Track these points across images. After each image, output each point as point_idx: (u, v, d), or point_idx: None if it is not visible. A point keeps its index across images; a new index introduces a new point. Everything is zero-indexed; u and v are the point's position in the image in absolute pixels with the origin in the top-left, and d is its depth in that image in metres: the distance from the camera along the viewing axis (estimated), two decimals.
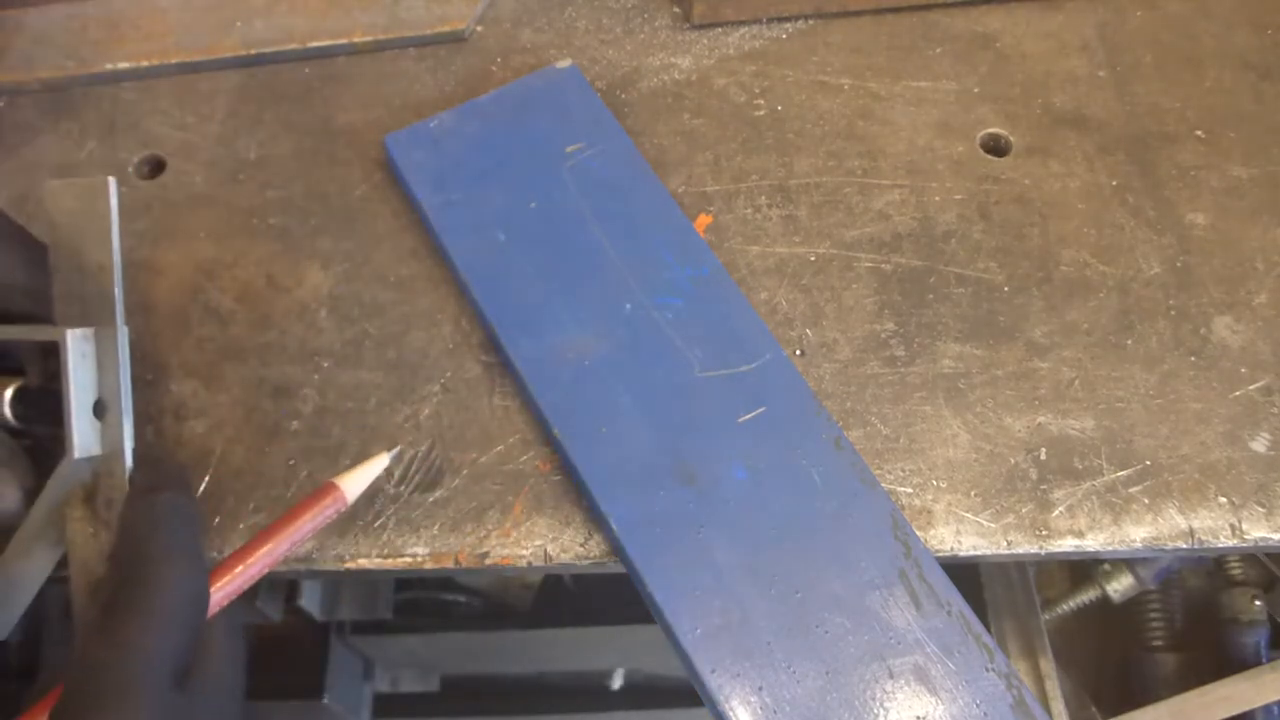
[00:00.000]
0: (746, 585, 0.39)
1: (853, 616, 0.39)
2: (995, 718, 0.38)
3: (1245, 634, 0.66)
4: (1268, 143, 0.52)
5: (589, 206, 0.48)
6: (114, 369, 0.39)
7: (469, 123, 0.50)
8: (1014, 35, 0.56)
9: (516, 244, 0.47)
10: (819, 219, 0.50)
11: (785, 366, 0.44)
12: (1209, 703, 0.60)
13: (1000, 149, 0.52)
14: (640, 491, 0.41)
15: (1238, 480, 0.43)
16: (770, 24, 0.57)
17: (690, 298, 0.46)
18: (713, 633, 0.39)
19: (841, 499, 0.41)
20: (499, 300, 0.45)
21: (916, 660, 0.38)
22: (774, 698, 0.38)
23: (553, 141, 0.50)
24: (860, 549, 0.40)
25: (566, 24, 0.57)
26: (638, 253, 0.47)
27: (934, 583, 0.40)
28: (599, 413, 0.43)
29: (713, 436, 0.42)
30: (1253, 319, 0.47)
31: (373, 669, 0.96)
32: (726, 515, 0.41)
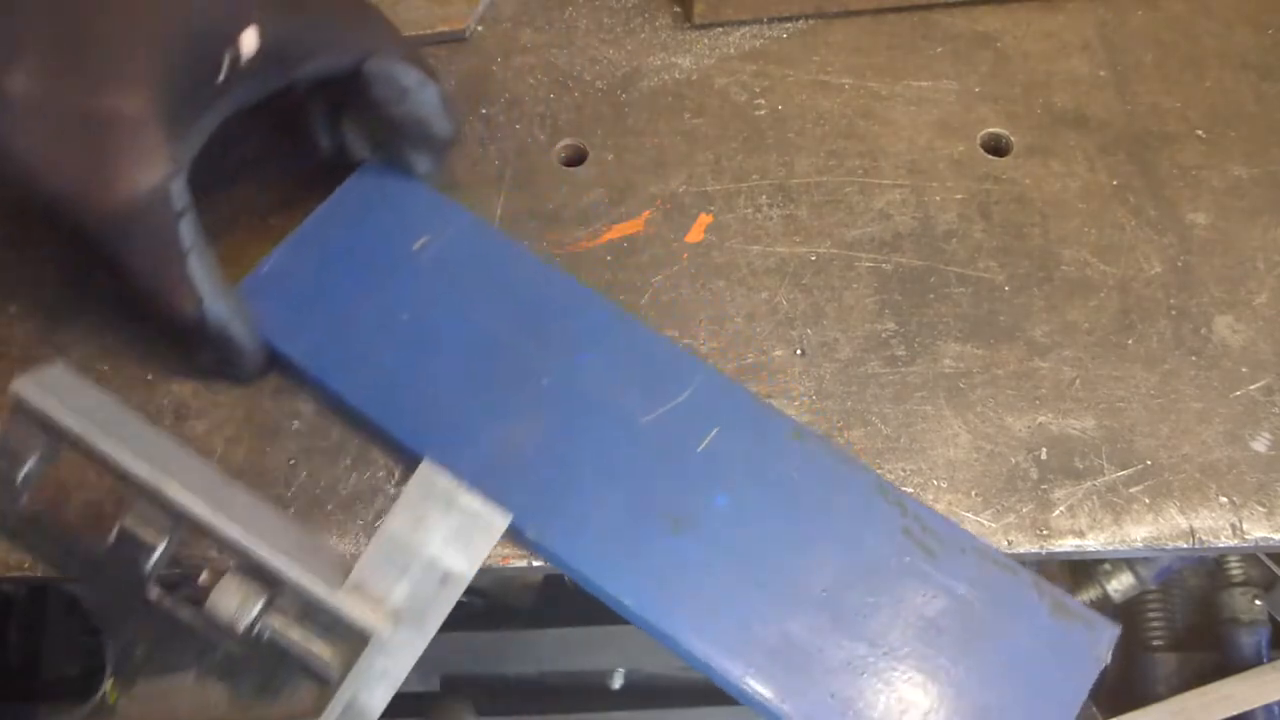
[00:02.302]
0: (771, 605, 0.39)
1: (877, 589, 0.39)
2: (1039, 627, 0.39)
3: (1245, 634, 0.66)
4: (1268, 142, 0.52)
5: (459, 297, 0.45)
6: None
7: (302, 254, 0.46)
8: (1014, 35, 0.56)
9: (404, 363, 0.43)
10: (819, 218, 0.50)
11: (718, 380, 0.44)
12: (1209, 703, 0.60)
13: (1001, 149, 0.52)
14: (635, 559, 0.40)
15: (1238, 480, 0.43)
16: (770, 24, 0.57)
17: (600, 348, 0.44)
18: (763, 666, 0.38)
19: (823, 485, 0.41)
20: (410, 426, 0.42)
21: (951, 605, 0.39)
22: (845, 697, 0.38)
23: (395, 244, 0.46)
24: (859, 525, 0.41)
25: (566, 24, 0.57)
26: (529, 324, 0.44)
27: (938, 530, 0.41)
28: (563, 498, 0.41)
29: (681, 476, 0.41)
30: (1254, 319, 0.47)
31: None
32: (725, 546, 0.40)
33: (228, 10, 0.38)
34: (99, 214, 0.36)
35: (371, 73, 0.42)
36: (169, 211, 0.38)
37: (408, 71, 0.43)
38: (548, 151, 0.52)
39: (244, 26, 0.38)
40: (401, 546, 0.34)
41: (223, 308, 0.40)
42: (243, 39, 0.38)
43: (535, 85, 0.54)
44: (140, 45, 0.36)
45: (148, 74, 0.36)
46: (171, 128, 0.37)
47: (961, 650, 0.39)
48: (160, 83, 0.36)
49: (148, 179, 0.36)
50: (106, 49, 0.36)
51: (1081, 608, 0.40)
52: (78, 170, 0.36)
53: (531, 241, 0.49)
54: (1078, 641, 0.39)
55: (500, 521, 0.36)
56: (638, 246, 0.49)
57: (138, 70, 0.36)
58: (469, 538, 0.35)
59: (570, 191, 0.51)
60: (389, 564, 0.34)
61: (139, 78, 0.36)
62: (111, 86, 0.36)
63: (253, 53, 0.39)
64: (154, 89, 0.36)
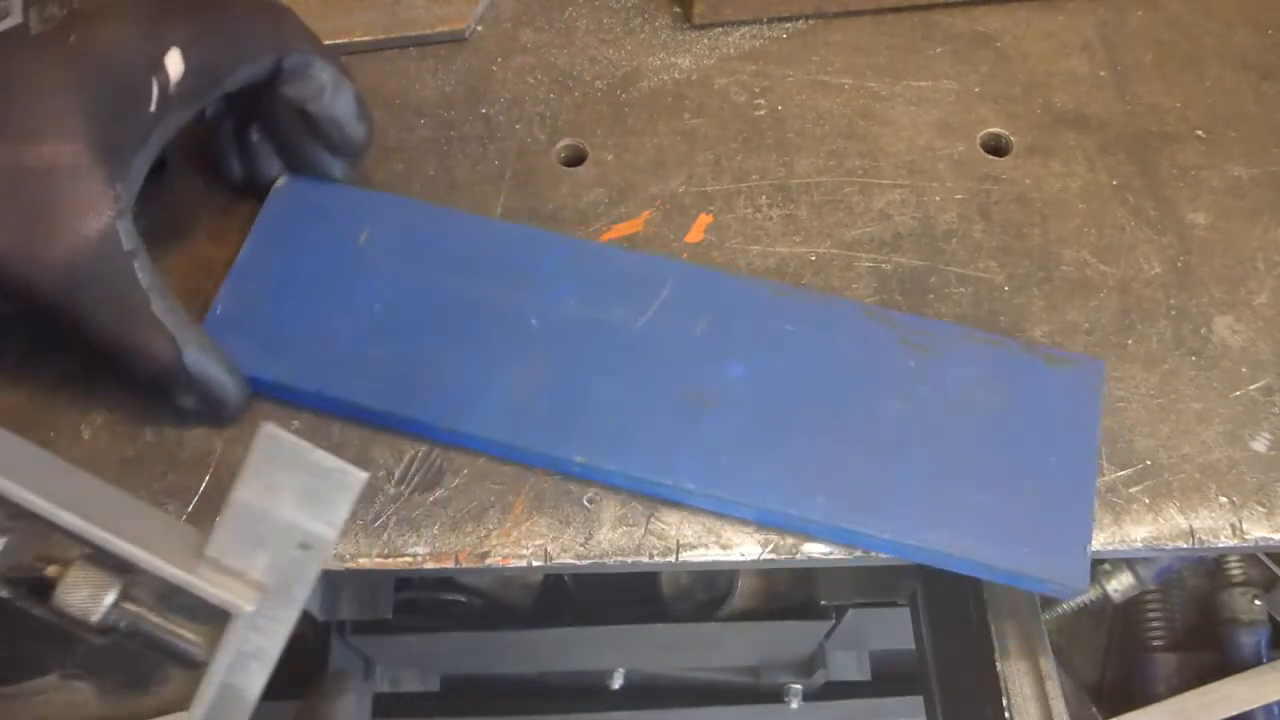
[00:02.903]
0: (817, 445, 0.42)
1: (900, 398, 0.42)
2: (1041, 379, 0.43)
3: (1245, 634, 0.66)
4: (1268, 142, 0.52)
5: (422, 273, 0.45)
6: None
7: (250, 282, 0.45)
8: (1014, 35, 0.56)
9: (394, 349, 0.44)
10: (819, 218, 0.50)
11: (690, 270, 0.46)
12: (1209, 703, 0.60)
13: (1001, 149, 0.52)
14: (679, 444, 0.42)
15: (1238, 480, 0.43)
16: (770, 24, 0.57)
17: (572, 277, 0.45)
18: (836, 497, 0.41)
19: (818, 327, 0.44)
20: (424, 404, 0.42)
21: (966, 385, 0.43)
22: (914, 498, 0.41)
23: (339, 244, 0.46)
24: (862, 350, 0.43)
25: (566, 24, 0.57)
26: (497, 277, 0.45)
27: (928, 330, 0.44)
28: (593, 419, 0.42)
29: (691, 361, 0.43)
30: (1253, 319, 0.47)
31: (373, 669, 0.96)
32: (754, 407, 0.42)
33: (146, 39, 0.38)
34: (50, 267, 0.36)
35: (288, 69, 0.42)
36: (120, 253, 0.37)
37: (324, 68, 0.43)
38: (548, 151, 0.52)
39: (165, 51, 0.38)
40: (253, 515, 0.32)
41: (197, 346, 0.40)
42: (167, 63, 0.38)
43: (535, 85, 0.54)
44: (64, 92, 0.36)
45: (76, 119, 0.36)
46: (110, 167, 0.37)
47: (990, 419, 0.42)
48: (91, 125, 0.36)
49: (94, 223, 0.36)
50: (29, 102, 0.35)
51: (1069, 354, 0.44)
52: (20, 227, 0.35)
53: None
54: (1077, 381, 0.43)
55: (358, 477, 0.33)
56: (638, 246, 0.49)
57: (65, 117, 0.36)
58: (326, 498, 0.32)
59: (570, 191, 0.51)
60: (243, 536, 0.32)
61: (68, 124, 0.36)
62: (41, 138, 0.35)
63: (180, 75, 0.39)
64: (85, 132, 0.36)
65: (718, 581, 0.93)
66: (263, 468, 0.32)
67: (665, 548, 0.41)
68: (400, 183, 0.51)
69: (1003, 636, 0.59)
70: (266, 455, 0.31)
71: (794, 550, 0.41)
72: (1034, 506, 0.41)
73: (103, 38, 0.37)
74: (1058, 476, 0.41)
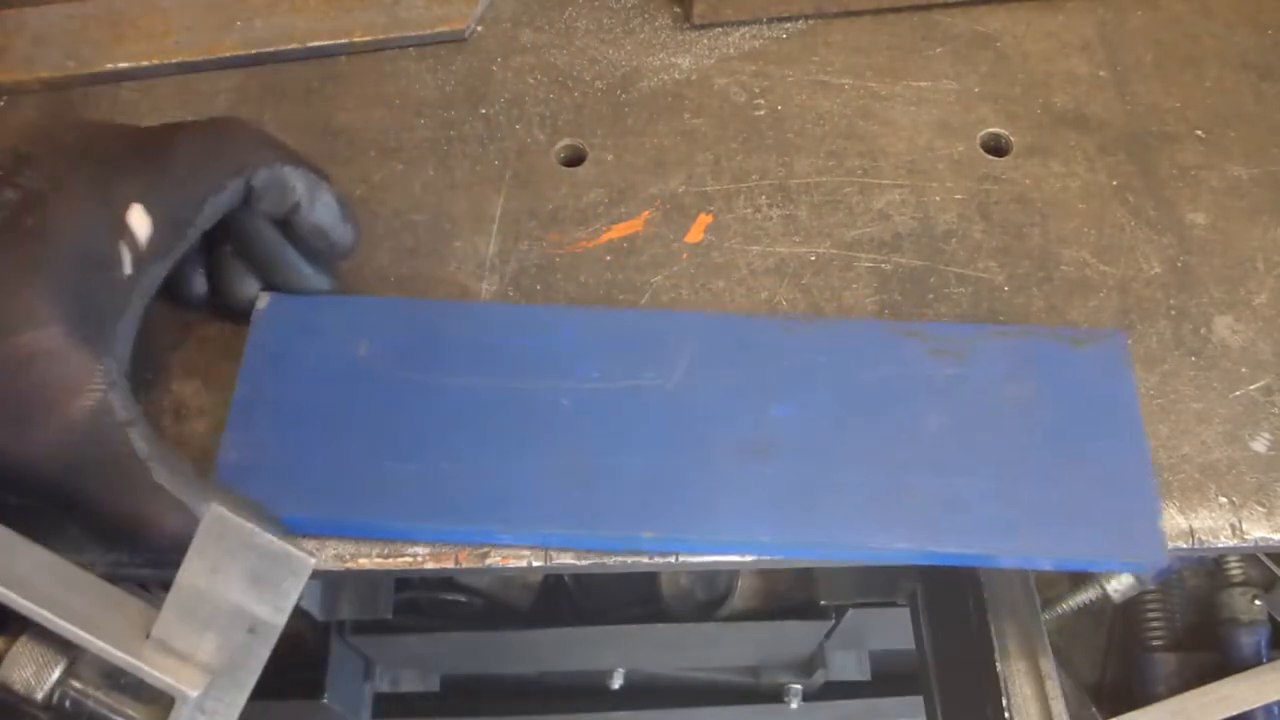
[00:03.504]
0: (875, 470, 0.41)
1: (941, 410, 0.42)
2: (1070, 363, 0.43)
3: (1245, 634, 0.66)
4: (1268, 143, 0.52)
5: (435, 376, 0.43)
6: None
7: (253, 423, 0.42)
8: (1014, 35, 0.56)
9: (427, 464, 0.41)
10: (819, 219, 0.50)
11: (707, 321, 0.45)
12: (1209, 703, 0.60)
13: (1000, 149, 0.52)
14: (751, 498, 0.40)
15: (1238, 480, 0.43)
16: (770, 24, 0.57)
17: (593, 351, 0.43)
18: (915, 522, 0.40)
19: (847, 352, 0.44)
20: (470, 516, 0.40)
21: (1002, 384, 0.43)
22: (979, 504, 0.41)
23: (339, 364, 0.43)
24: (895, 367, 0.43)
25: (566, 24, 0.57)
26: (514, 362, 0.43)
27: (953, 335, 0.44)
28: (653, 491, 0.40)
29: (732, 413, 0.42)
30: (1253, 319, 0.47)
31: (373, 669, 0.96)
32: (807, 445, 0.41)
33: (102, 204, 0.37)
34: (44, 455, 0.35)
35: (259, 187, 0.40)
36: (114, 427, 0.36)
37: (296, 175, 0.41)
38: (547, 151, 0.52)
39: (125, 211, 0.37)
40: (200, 597, 0.31)
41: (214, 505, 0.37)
42: (131, 223, 0.37)
43: (535, 85, 0.54)
44: (32, 279, 0.35)
45: (48, 304, 0.35)
46: (94, 342, 0.36)
47: (1033, 412, 0.42)
48: (65, 305, 0.35)
49: (83, 403, 0.35)
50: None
51: (1091, 331, 0.45)
52: (10, 419, 0.34)
53: (531, 242, 0.49)
54: (1103, 357, 0.44)
55: (306, 562, 0.32)
56: (637, 247, 0.49)
57: (37, 304, 0.35)
58: (274, 581, 0.32)
59: (570, 191, 0.51)
60: (190, 617, 0.32)
61: (41, 311, 0.35)
62: (17, 330, 0.34)
63: (148, 231, 0.38)
64: (61, 315, 0.35)
65: (718, 581, 0.93)
66: (210, 549, 0.31)
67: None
68: (400, 183, 0.51)
69: (1003, 636, 0.59)
70: (214, 537, 0.31)
71: None
72: (1097, 489, 0.41)
73: (59, 214, 0.36)
74: (1111, 455, 0.41)
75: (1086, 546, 0.40)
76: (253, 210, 0.41)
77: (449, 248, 0.49)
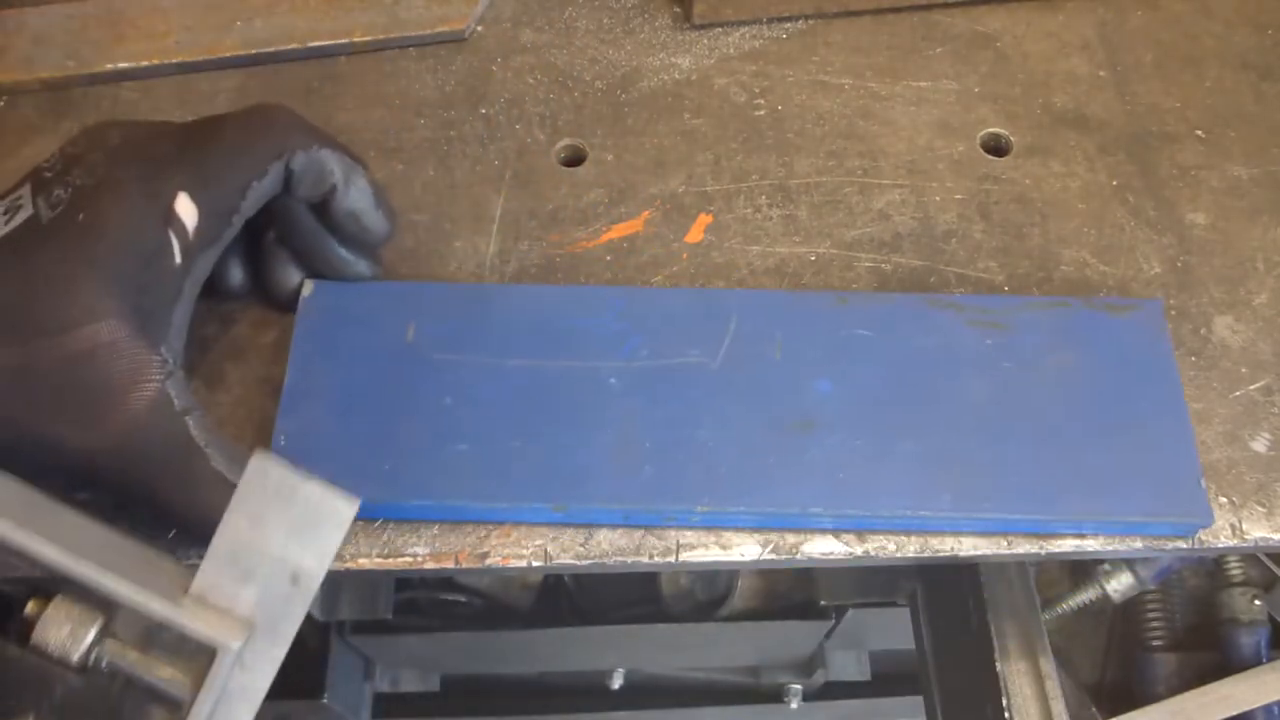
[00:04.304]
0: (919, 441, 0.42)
1: (986, 378, 0.43)
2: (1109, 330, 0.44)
3: (1245, 634, 0.66)
4: (1268, 143, 0.52)
5: (482, 358, 0.43)
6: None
7: (304, 409, 0.42)
8: (1014, 35, 0.56)
9: (479, 444, 0.42)
10: (819, 219, 0.50)
11: (752, 297, 0.46)
12: (1209, 703, 0.60)
13: (1000, 149, 0.52)
14: (795, 472, 0.41)
15: (1238, 480, 0.43)
16: (770, 24, 0.57)
17: (640, 326, 0.44)
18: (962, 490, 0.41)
19: (889, 326, 0.44)
20: (525, 494, 0.41)
21: (1043, 351, 0.44)
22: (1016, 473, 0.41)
23: (388, 348, 0.44)
24: (935, 338, 0.44)
25: (566, 24, 0.57)
26: (560, 344, 0.44)
27: (992, 306, 0.45)
28: (701, 466, 0.41)
29: (779, 389, 0.43)
30: (1253, 319, 0.47)
31: (373, 669, 0.96)
32: (853, 418, 0.42)
33: (150, 196, 0.38)
34: (106, 441, 0.36)
35: (298, 171, 0.40)
36: (173, 415, 0.37)
37: (333, 158, 0.41)
38: (548, 151, 0.52)
39: (172, 200, 0.38)
40: (242, 549, 0.31)
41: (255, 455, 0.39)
42: (179, 211, 0.38)
43: (535, 85, 0.54)
44: (87, 274, 0.36)
45: (105, 297, 0.36)
46: (150, 333, 0.37)
47: (1075, 379, 0.43)
48: (121, 297, 0.36)
49: (142, 391, 0.36)
50: (57, 292, 0.36)
51: (1127, 300, 0.46)
52: (74, 414, 0.36)
53: (531, 242, 0.49)
54: (1142, 324, 0.44)
55: (349, 507, 0.32)
56: (637, 247, 0.49)
57: (95, 298, 0.36)
58: (316, 529, 0.31)
59: (570, 191, 0.51)
60: (231, 570, 0.31)
61: (99, 304, 0.36)
62: (78, 324, 0.35)
63: (195, 219, 0.38)
64: (117, 307, 0.36)
65: (717, 582, 0.93)
66: (252, 499, 0.31)
67: (665, 548, 0.41)
68: (400, 183, 0.51)
69: (1003, 636, 0.59)
70: (256, 487, 0.31)
71: (794, 550, 0.41)
72: (1140, 453, 0.41)
73: (110, 209, 0.37)
74: (1152, 419, 0.42)
75: (1134, 509, 0.41)
76: (292, 195, 0.42)
77: (449, 248, 0.49)
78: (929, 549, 0.41)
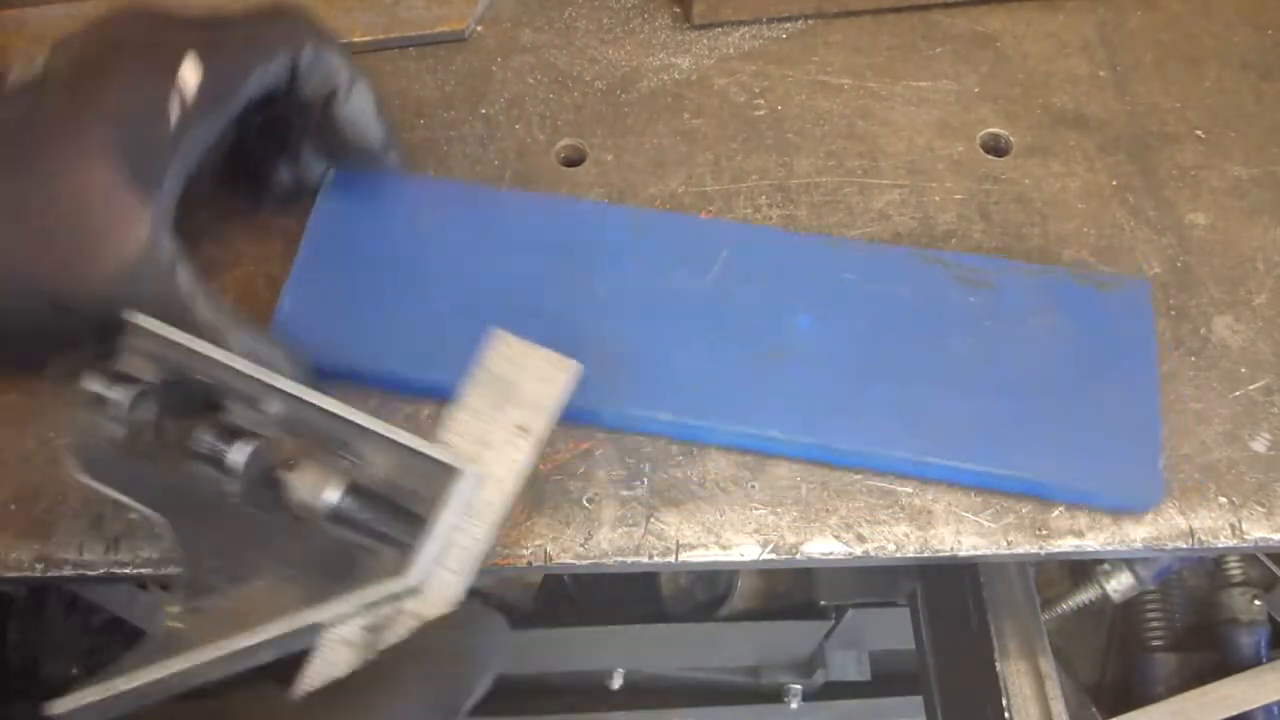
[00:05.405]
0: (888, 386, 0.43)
1: (966, 333, 0.44)
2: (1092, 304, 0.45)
3: (1245, 634, 0.66)
4: (1268, 143, 0.52)
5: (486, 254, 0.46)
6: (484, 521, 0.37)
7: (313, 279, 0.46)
8: (1014, 35, 0.56)
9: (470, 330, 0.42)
10: (819, 219, 0.50)
11: (747, 230, 0.47)
12: (1209, 703, 0.60)
13: (1000, 149, 0.52)
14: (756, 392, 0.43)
15: (1238, 480, 0.43)
16: (770, 24, 0.57)
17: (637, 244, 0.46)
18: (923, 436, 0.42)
19: (874, 274, 0.45)
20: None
21: (1027, 316, 0.44)
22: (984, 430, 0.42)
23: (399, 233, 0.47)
24: (920, 291, 0.45)
25: (566, 24, 0.57)
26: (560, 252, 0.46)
27: (980, 266, 0.45)
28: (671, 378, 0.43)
29: (758, 320, 0.44)
30: (1253, 319, 0.47)
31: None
32: (826, 355, 0.43)
33: (157, 53, 0.39)
34: (95, 282, 0.37)
35: (303, 66, 0.42)
36: (161, 264, 0.38)
37: (341, 62, 0.43)
38: (547, 151, 0.52)
39: (178, 62, 0.39)
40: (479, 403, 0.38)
41: (246, 338, 0.40)
42: (183, 73, 0.39)
43: (535, 85, 0.54)
44: (87, 124, 0.37)
45: (103, 145, 0.37)
46: (143, 185, 0.38)
47: (1053, 345, 0.43)
48: (117, 149, 0.37)
49: (131, 240, 0.37)
50: (56, 138, 0.37)
51: (1116, 275, 0.46)
52: (64, 255, 0.37)
53: None
54: (1126, 301, 0.45)
55: (573, 367, 0.39)
56: None
57: (91, 147, 0.37)
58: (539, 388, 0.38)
59: (570, 191, 0.51)
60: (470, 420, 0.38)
61: (94, 153, 0.37)
62: (72, 169, 0.37)
63: (197, 83, 0.39)
64: (114, 155, 0.37)
65: (717, 582, 0.93)
66: (489, 363, 0.38)
67: (665, 548, 0.41)
68: None
69: (1003, 636, 0.59)
70: (491, 353, 0.39)
71: (794, 550, 0.41)
72: (1106, 426, 0.42)
73: (117, 63, 0.38)
74: (1121, 394, 0.43)
75: (1089, 478, 0.41)
76: (297, 93, 0.43)
77: None
78: (929, 548, 0.41)
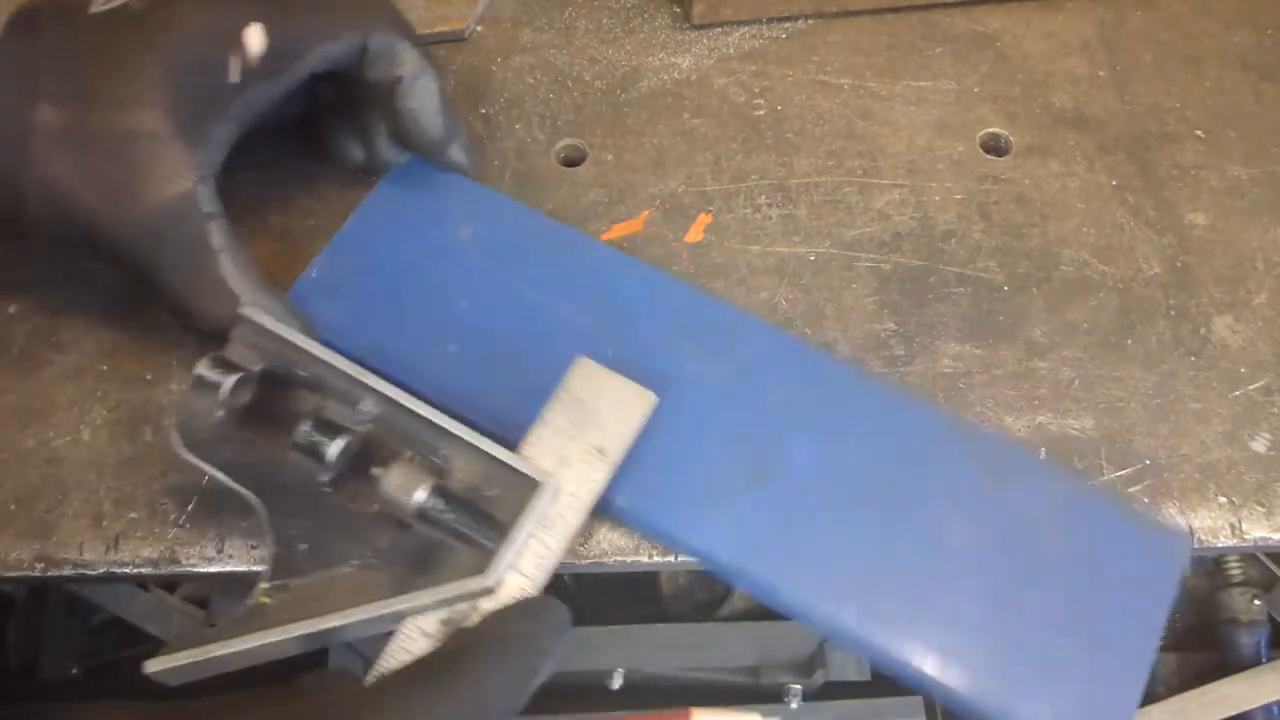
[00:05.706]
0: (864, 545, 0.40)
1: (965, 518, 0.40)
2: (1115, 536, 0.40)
3: (1245, 634, 0.66)
4: (1268, 143, 0.52)
5: (512, 280, 0.45)
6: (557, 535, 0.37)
7: (348, 256, 0.46)
8: (1014, 35, 0.56)
9: (469, 350, 0.44)
10: (819, 219, 0.50)
11: (772, 334, 0.45)
12: (1209, 703, 0.60)
13: (1000, 149, 0.52)
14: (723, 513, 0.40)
15: (1237, 480, 0.43)
16: (770, 24, 0.57)
17: (660, 313, 0.45)
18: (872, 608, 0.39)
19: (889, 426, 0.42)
20: (485, 408, 0.42)
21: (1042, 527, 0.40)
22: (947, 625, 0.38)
23: (440, 235, 0.47)
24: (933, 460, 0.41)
25: (566, 24, 0.57)
26: (585, 298, 0.45)
27: (1008, 452, 0.42)
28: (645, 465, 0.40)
29: (756, 435, 0.42)
30: (1253, 319, 0.47)
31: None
32: (811, 494, 0.40)
33: (227, 13, 0.40)
34: (131, 221, 0.39)
35: (371, 50, 0.43)
36: (197, 215, 0.40)
37: (410, 52, 0.43)
38: (547, 151, 0.52)
39: (245, 25, 0.40)
40: (561, 424, 0.39)
41: (266, 302, 0.41)
42: (248, 37, 0.40)
43: (535, 85, 0.54)
44: (148, 65, 0.39)
45: (158, 90, 0.39)
46: (190, 137, 0.39)
47: (1056, 562, 0.39)
48: (172, 97, 0.39)
49: (173, 185, 0.39)
50: (118, 73, 0.39)
51: (1151, 516, 0.41)
52: (109, 185, 0.38)
53: None
54: (1154, 545, 0.40)
55: (646, 401, 0.40)
56: (637, 247, 0.49)
57: (148, 88, 0.39)
58: (619, 414, 0.39)
59: (570, 191, 0.51)
60: (551, 439, 0.39)
61: (150, 95, 0.39)
62: (127, 106, 0.38)
63: (260, 50, 0.40)
64: (167, 103, 0.39)
65: (717, 582, 0.93)
66: (572, 387, 0.40)
67: (665, 548, 0.41)
68: None
69: None
70: (576, 377, 0.40)
71: None
72: (1082, 670, 0.37)
73: (186, 14, 0.40)
74: (1114, 642, 0.38)
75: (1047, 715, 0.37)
76: (363, 76, 0.43)
77: None
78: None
